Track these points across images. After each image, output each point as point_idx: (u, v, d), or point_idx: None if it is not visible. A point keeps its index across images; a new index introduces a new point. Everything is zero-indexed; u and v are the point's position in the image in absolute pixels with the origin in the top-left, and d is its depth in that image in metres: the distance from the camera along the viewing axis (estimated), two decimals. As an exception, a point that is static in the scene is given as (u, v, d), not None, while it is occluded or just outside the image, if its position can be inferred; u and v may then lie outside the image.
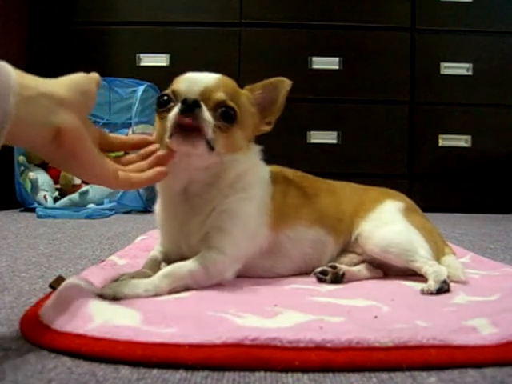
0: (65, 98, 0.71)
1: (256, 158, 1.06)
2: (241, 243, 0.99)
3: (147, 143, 0.94)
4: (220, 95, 0.93)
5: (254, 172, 1.04)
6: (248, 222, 1.00)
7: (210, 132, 0.90)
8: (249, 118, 1.00)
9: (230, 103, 0.94)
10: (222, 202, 0.98)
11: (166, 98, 0.95)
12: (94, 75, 0.86)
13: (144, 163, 0.89)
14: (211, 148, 0.91)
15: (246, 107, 1.00)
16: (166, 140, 0.91)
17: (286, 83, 1.02)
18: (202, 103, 0.90)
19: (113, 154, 0.91)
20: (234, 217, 0.98)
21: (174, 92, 0.94)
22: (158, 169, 0.89)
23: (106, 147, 0.88)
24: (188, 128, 0.88)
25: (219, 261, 0.95)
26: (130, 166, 0.88)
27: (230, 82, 0.99)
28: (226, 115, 0.93)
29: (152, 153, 0.91)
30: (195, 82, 0.94)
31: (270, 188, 1.05)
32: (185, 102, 0.88)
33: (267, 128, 1.05)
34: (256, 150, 1.06)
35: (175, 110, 0.90)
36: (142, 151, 0.92)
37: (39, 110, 0.67)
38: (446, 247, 1.17)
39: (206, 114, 0.89)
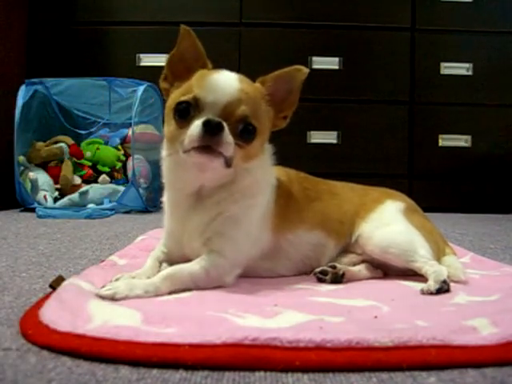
0: None
1: (268, 164, 1.04)
2: (242, 248, 0.99)
3: None
4: (242, 111, 0.90)
5: (264, 179, 1.03)
6: (251, 228, 1.00)
7: (229, 152, 0.89)
8: (266, 122, 0.97)
9: (252, 120, 0.92)
10: (229, 208, 0.98)
11: (185, 105, 0.91)
12: None
13: None
14: (228, 165, 0.91)
15: (264, 111, 0.97)
16: (181, 154, 0.90)
17: (302, 72, 0.98)
18: (224, 124, 0.87)
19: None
20: (237, 223, 0.98)
21: (196, 100, 0.90)
22: None
23: None
24: (208, 147, 0.87)
25: (220, 265, 0.95)
26: None
27: (251, 90, 0.95)
28: (246, 132, 0.92)
29: None
30: (220, 93, 0.90)
31: (274, 193, 1.04)
32: (208, 123, 0.86)
33: (283, 123, 1.03)
34: (269, 153, 1.05)
35: (197, 128, 0.87)
36: None
37: None
38: (447, 247, 1.17)
39: (229, 137, 0.88)
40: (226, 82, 0.92)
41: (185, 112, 0.91)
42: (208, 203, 0.98)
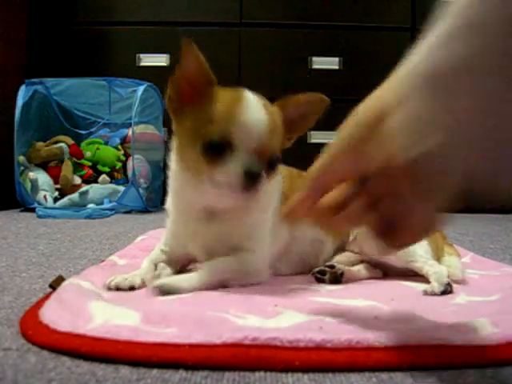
0: None
1: (278, 175, 1.03)
2: (267, 247, 1.01)
3: None
4: (274, 148, 0.90)
5: (276, 189, 1.02)
6: (267, 234, 1.01)
7: (262, 189, 0.88)
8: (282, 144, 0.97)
9: (279, 154, 0.92)
10: (245, 219, 0.98)
11: (216, 143, 0.86)
12: None
13: None
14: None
15: (283, 135, 0.96)
16: (209, 187, 0.89)
17: (325, 102, 0.98)
18: (262, 171, 0.86)
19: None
20: (259, 229, 0.99)
21: (229, 139, 0.86)
22: None
23: None
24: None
25: (255, 261, 0.97)
26: None
27: (277, 119, 0.93)
28: (274, 164, 0.92)
29: None
30: (254, 131, 0.87)
31: (281, 196, 1.04)
32: (249, 174, 0.85)
33: (288, 144, 1.01)
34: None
35: (237, 177, 0.85)
36: None
37: None
38: (448, 247, 1.16)
39: (264, 179, 0.87)
40: (258, 117, 0.88)
41: (216, 150, 0.87)
42: (221, 216, 0.97)
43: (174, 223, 1.06)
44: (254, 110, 0.89)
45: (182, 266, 1.07)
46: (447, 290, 0.94)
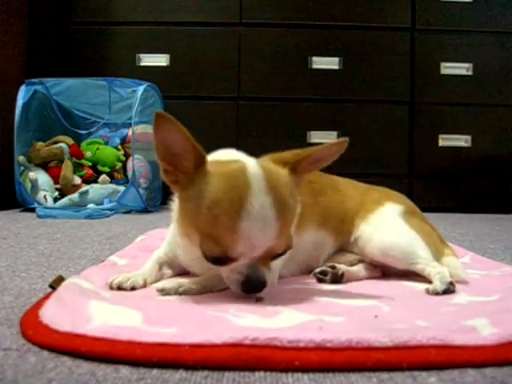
0: None
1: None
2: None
3: None
4: (280, 248, 0.82)
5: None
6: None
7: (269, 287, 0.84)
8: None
9: (287, 248, 0.84)
10: None
11: (214, 257, 0.81)
12: None
13: None
14: None
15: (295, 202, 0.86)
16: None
17: (343, 144, 0.84)
18: (265, 273, 0.82)
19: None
20: None
21: (228, 257, 0.80)
22: None
23: None
24: None
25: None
26: None
27: (285, 201, 0.80)
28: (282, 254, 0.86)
29: None
30: (255, 246, 0.78)
31: None
32: (250, 282, 0.81)
33: (305, 178, 0.93)
34: None
35: (237, 287, 0.82)
36: None
37: None
38: (447, 248, 1.16)
39: (271, 277, 0.84)
40: (263, 224, 0.77)
41: (216, 262, 0.83)
42: None
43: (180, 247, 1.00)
44: (258, 215, 0.76)
45: (184, 269, 1.06)
46: (450, 289, 0.93)
